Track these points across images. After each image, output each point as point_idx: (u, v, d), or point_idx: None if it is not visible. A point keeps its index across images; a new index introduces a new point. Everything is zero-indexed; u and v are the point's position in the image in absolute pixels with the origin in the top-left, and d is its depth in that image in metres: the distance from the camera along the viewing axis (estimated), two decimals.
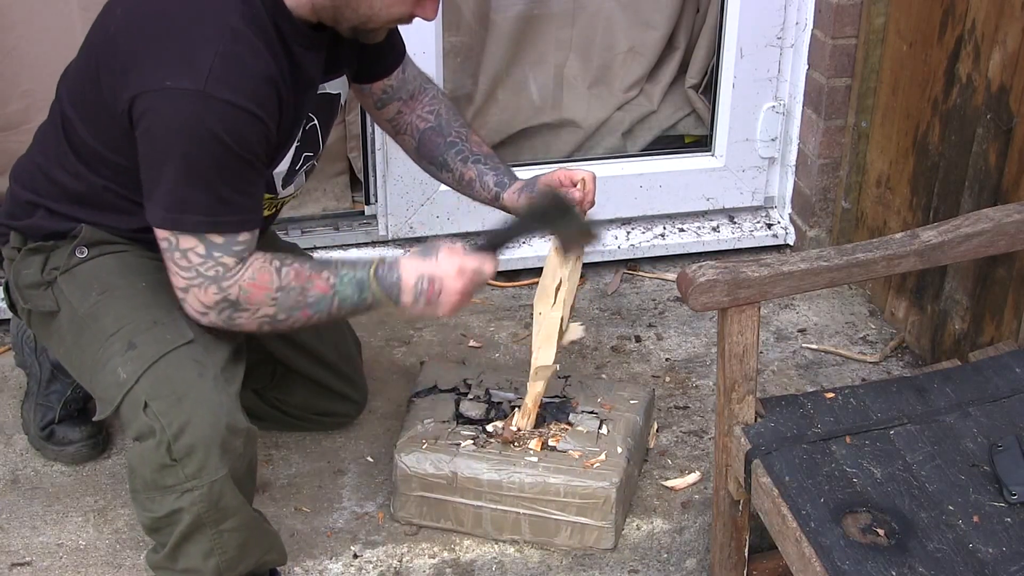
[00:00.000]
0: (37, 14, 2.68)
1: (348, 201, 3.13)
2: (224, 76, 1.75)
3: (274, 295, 1.88)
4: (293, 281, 1.89)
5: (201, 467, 1.86)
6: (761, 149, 3.12)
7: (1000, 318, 2.43)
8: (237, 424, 1.89)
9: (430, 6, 1.91)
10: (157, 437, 1.85)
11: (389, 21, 1.91)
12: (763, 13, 2.95)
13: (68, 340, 2.02)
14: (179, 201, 1.80)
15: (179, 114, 1.75)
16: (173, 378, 1.88)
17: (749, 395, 1.90)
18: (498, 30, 3.14)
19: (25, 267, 2.04)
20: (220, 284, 1.85)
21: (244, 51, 1.79)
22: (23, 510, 2.28)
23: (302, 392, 2.40)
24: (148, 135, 1.79)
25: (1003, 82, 2.34)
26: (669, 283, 3.03)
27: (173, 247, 1.83)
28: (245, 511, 1.95)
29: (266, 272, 1.87)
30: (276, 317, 1.90)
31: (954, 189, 2.54)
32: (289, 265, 1.89)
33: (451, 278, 1.92)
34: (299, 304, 1.90)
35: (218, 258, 1.83)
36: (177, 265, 1.85)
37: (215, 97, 1.74)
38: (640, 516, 2.29)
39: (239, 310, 1.87)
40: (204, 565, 1.95)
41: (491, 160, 2.25)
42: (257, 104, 1.79)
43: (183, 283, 1.86)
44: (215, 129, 1.75)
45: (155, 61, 1.78)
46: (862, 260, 1.88)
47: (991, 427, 1.88)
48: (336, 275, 1.92)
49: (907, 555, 1.66)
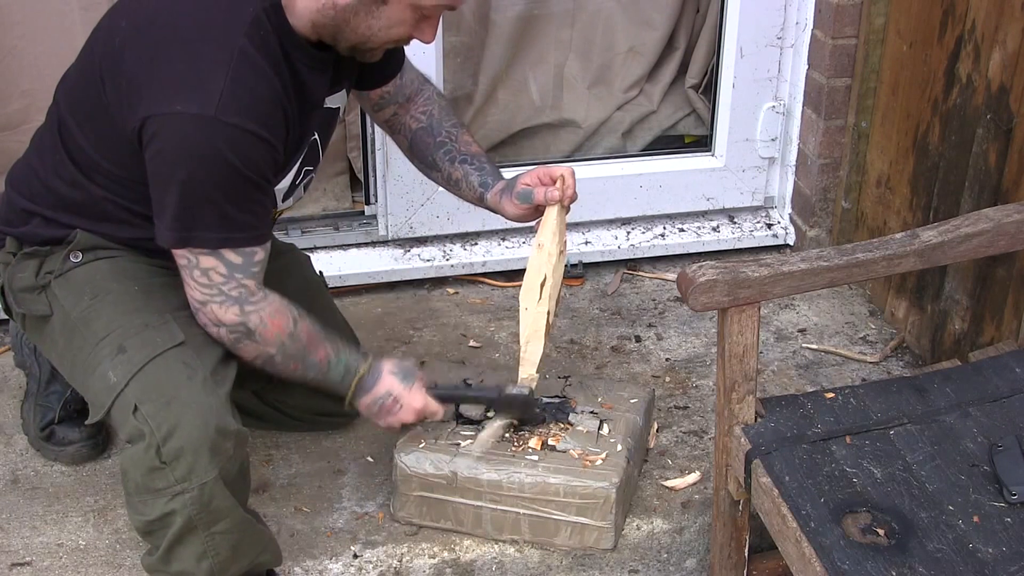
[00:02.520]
0: (37, 14, 2.68)
1: (348, 201, 3.13)
2: (234, 101, 1.78)
3: (284, 340, 1.96)
4: (303, 336, 1.99)
5: (190, 469, 1.86)
6: (761, 149, 3.12)
7: (1000, 318, 2.43)
8: (227, 426, 1.89)
9: (428, 30, 1.92)
10: (147, 440, 1.86)
11: (387, 42, 1.93)
12: (763, 13, 2.95)
13: (60, 344, 2.03)
14: (189, 220, 1.83)
15: (189, 138, 1.78)
16: (162, 381, 1.89)
17: (749, 395, 1.90)
18: (498, 30, 3.14)
19: (20, 271, 2.04)
20: (243, 307, 1.90)
21: (252, 74, 1.81)
22: (23, 510, 2.28)
23: (302, 392, 2.39)
24: (159, 158, 1.81)
25: (1003, 82, 2.34)
26: (669, 283, 3.03)
27: (193, 266, 1.87)
28: (237, 513, 1.96)
29: (285, 316, 1.96)
30: (274, 359, 1.98)
31: (954, 189, 2.54)
32: (303, 319, 1.99)
33: (408, 411, 2.11)
34: (297, 358, 1.99)
35: (240, 279, 1.88)
36: (197, 283, 1.89)
37: (225, 122, 1.77)
38: (640, 516, 2.28)
39: (251, 339, 1.94)
40: (197, 567, 1.96)
41: (478, 160, 2.26)
42: (266, 128, 1.82)
43: (202, 296, 1.90)
44: (224, 153, 1.79)
45: (165, 83, 1.80)
46: (862, 260, 1.88)
47: (991, 427, 1.88)
48: (336, 355, 2.04)
49: (907, 555, 1.66)
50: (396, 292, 2.99)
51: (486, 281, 3.04)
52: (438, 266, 3.00)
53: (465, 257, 3.02)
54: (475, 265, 3.02)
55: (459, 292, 3.01)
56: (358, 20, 1.86)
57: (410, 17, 1.87)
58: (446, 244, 3.05)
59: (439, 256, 3.02)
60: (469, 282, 3.04)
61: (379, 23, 1.87)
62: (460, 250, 3.04)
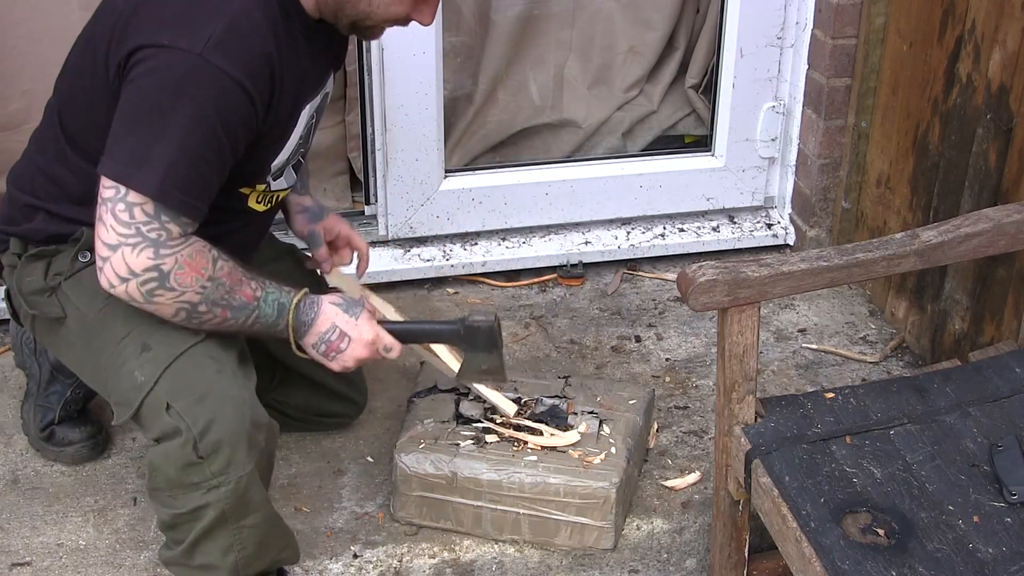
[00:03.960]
0: (37, 14, 2.68)
1: (348, 201, 3.13)
2: (223, 45, 1.75)
3: (204, 283, 1.84)
4: (225, 277, 1.86)
5: (228, 463, 1.86)
6: (761, 149, 3.12)
7: (1000, 318, 2.43)
8: (260, 419, 1.90)
9: (427, 11, 1.92)
10: (183, 436, 1.84)
11: (386, 20, 1.92)
12: (763, 13, 2.95)
13: (78, 346, 2.01)
14: (139, 157, 1.75)
15: (169, 69, 1.75)
16: (192, 377, 1.88)
17: (749, 395, 1.90)
18: (498, 30, 3.14)
19: (28, 274, 2.03)
20: (158, 250, 1.79)
21: (248, 28, 1.79)
22: (23, 510, 2.28)
23: (302, 393, 2.40)
24: (132, 85, 1.77)
25: (1003, 82, 2.34)
26: (669, 283, 3.03)
27: (119, 197, 1.77)
28: (267, 507, 1.96)
29: (204, 257, 1.83)
30: (196, 307, 1.85)
31: (954, 189, 2.54)
32: (225, 260, 1.87)
33: (359, 344, 1.97)
34: (222, 302, 1.87)
35: (165, 222, 1.78)
36: (116, 219, 1.77)
37: (209, 61, 1.74)
38: (640, 516, 2.28)
39: (165, 286, 1.81)
40: (223, 561, 1.95)
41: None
42: (250, 80, 1.78)
43: (114, 239, 1.78)
44: (201, 95, 1.74)
45: (158, 21, 1.78)
46: (862, 260, 1.88)
47: (991, 427, 1.88)
48: (263, 290, 1.91)
49: (907, 555, 1.66)
50: (396, 292, 2.98)
51: (486, 281, 3.04)
52: (438, 266, 3.00)
53: (465, 257, 3.02)
54: (475, 265, 3.02)
55: (459, 292, 3.01)
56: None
57: None
58: (446, 244, 3.05)
59: (439, 256, 3.02)
60: (469, 282, 3.04)
61: (378, 0, 1.87)
62: (460, 250, 3.04)
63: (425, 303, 2.96)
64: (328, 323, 1.96)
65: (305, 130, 2.04)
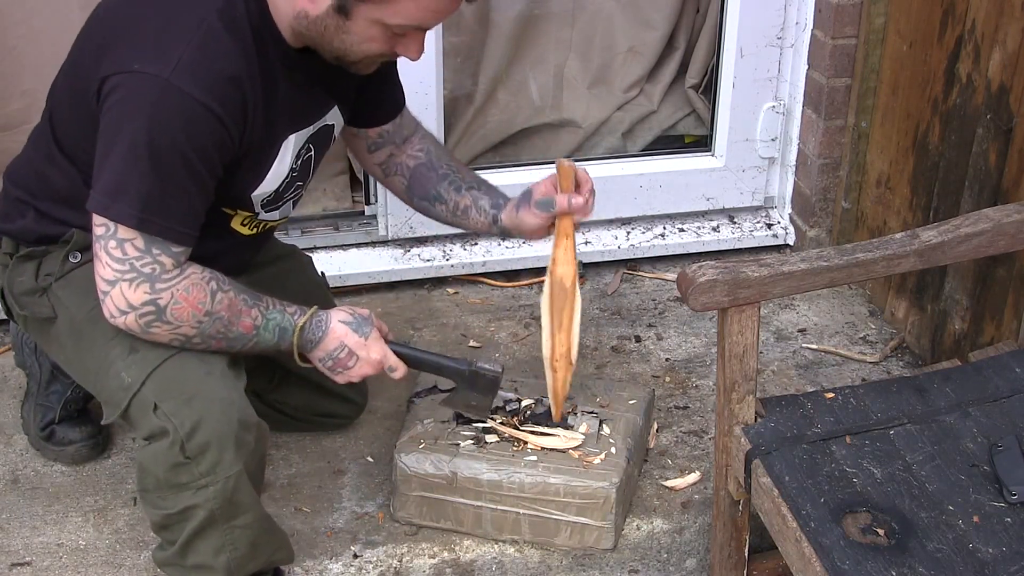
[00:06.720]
0: (37, 14, 2.68)
1: (348, 201, 3.13)
2: (190, 68, 1.74)
3: (201, 318, 1.86)
4: (224, 311, 1.88)
5: (216, 463, 1.86)
6: (761, 149, 3.12)
7: (1000, 318, 2.43)
8: (248, 419, 1.90)
9: (413, 47, 1.87)
10: (170, 437, 1.85)
11: (366, 56, 1.88)
12: (763, 13, 2.95)
13: (68, 346, 2.02)
14: (120, 187, 1.77)
15: (138, 96, 1.75)
16: (180, 378, 1.88)
17: (749, 395, 1.90)
18: (498, 30, 3.14)
19: (18, 274, 2.04)
20: (154, 284, 1.81)
21: (215, 50, 1.78)
22: (23, 510, 2.28)
23: (302, 394, 2.40)
24: (107, 115, 1.78)
25: (1003, 82, 2.34)
26: (669, 283, 3.03)
27: (110, 234, 1.79)
28: (257, 508, 1.96)
29: (202, 291, 1.85)
30: (191, 339, 1.88)
31: (954, 189, 2.54)
32: (224, 292, 1.88)
33: (366, 363, 2.01)
34: (218, 335, 1.89)
35: (156, 255, 1.80)
36: (110, 256, 1.80)
37: (176, 86, 1.73)
38: (640, 516, 2.29)
39: (162, 320, 1.84)
40: (215, 561, 1.95)
41: (484, 185, 2.24)
42: (219, 103, 1.77)
43: (111, 275, 1.81)
44: (171, 122, 1.75)
45: (130, 46, 1.78)
46: (862, 260, 1.88)
47: (991, 427, 1.88)
48: (263, 318, 1.93)
49: (907, 555, 1.66)
50: (396, 292, 2.99)
51: (486, 281, 3.04)
52: (438, 266, 3.00)
53: (465, 257, 3.02)
54: (475, 265, 3.02)
55: (459, 292, 3.01)
56: (330, 34, 1.82)
57: (379, 34, 1.82)
58: (446, 244, 3.05)
59: (439, 256, 3.02)
60: (469, 282, 3.04)
61: (350, 38, 1.82)
62: (460, 250, 3.04)
63: (425, 303, 2.96)
64: (337, 341, 1.99)
65: (301, 163, 2.02)
